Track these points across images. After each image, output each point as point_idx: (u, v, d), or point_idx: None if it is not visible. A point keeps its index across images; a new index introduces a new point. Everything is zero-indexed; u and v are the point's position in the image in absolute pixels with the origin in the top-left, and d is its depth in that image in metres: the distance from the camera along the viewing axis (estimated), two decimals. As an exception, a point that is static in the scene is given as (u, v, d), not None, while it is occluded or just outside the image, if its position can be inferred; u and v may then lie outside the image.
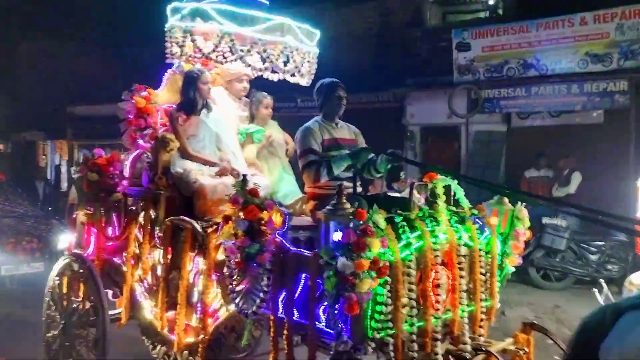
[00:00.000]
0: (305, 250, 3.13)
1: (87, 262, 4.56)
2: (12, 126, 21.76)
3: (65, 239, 6.46)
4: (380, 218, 2.75)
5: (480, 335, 3.51)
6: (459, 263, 3.33)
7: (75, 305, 4.63)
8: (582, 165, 10.06)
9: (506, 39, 10.72)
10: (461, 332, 3.37)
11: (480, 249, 3.50)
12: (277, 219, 3.22)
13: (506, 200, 3.81)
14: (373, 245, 2.65)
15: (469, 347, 3.32)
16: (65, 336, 4.64)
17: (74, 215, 5.02)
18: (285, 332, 3.13)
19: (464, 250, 3.38)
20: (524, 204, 3.83)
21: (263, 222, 3.13)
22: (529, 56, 10.56)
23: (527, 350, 3.43)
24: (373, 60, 15.50)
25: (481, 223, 3.65)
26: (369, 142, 14.17)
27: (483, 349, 3.31)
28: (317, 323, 2.98)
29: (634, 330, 2.17)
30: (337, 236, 2.71)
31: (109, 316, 4.43)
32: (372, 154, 3.90)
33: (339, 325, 2.81)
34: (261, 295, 3.21)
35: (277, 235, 3.20)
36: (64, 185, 15.61)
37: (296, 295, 3.12)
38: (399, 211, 3.06)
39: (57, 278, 4.80)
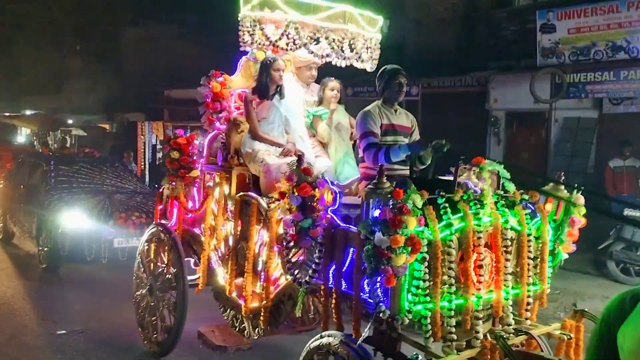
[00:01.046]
0: (353, 227, 3.37)
1: (170, 231, 5.08)
2: (116, 107, 23.55)
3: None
4: (417, 198, 2.94)
5: (526, 319, 3.60)
6: (505, 246, 3.44)
7: (160, 270, 5.17)
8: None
9: (594, 20, 10.17)
10: (505, 314, 3.48)
11: (529, 234, 3.58)
12: (328, 196, 3.48)
13: (562, 187, 3.83)
14: (409, 223, 2.85)
15: (510, 329, 3.43)
16: (151, 297, 5.21)
17: (161, 189, 5.56)
18: (334, 301, 3.41)
19: (510, 234, 3.47)
20: (579, 192, 3.83)
21: (315, 199, 3.41)
22: (619, 38, 9.96)
23: (572, 336, 3.48)
24: (456, 43, 15.21)
25: (533, 208, 3.72)
26: (452, 126, 14.19)
27: (524, 330, 3.40)
28: (361, 294, 3.23)
29: None
30: (376, 213, 2.94)
31: (188, 281, 4.92)
32: (427, 150, 3.96)
33: (378, 296, 3.04)
34: (313, 266, 3.50)
35: (328, 212, 3.47)
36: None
37: (344, 267, 3.39)
38: (442, 192, 3.21)
39: (146, 244, 5.38)
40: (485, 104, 14.45)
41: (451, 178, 3.97)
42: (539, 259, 3.68)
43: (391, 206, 2.86)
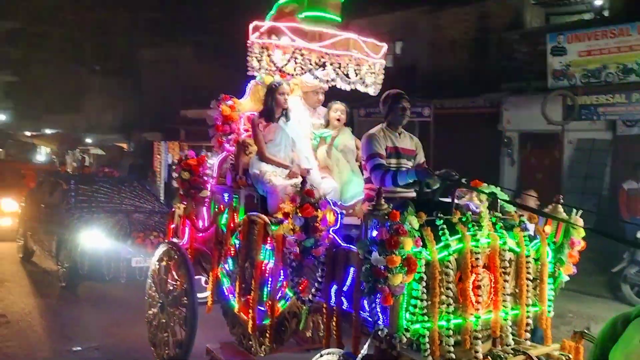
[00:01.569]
0: (354, 247, 3.47)
1: (181, 249, 5.23)
2: (134, 126, 24.04)
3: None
4: (413, 219, 3.05)
5: (526, 339, 3.66)
6: (504, 267, 3.52)
7: (171, 287, 5.31)
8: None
9: (604, 43, 10.27)
10: (504, 334, 3.55)
11: (527, 256, 3.65)
12: (330, 217, 3.60)
13: (560, 209, 3.90)
14: (405, 244, 2.95)
15: (509, 349, 3.50)
16: (163, 313, 5.34)
17: (173, 209, 5.72)
18: (334, 319, 3.51)
19: (509, 256, 3.55)
20: (579, 213, 3.90)
21: (318, 219, 3.53)
22: (630, 61, 10.04)
23: (570, 357, 3.53)
24: (468, 64, 15.36)
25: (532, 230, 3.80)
26: (464, 147, 14.24)
27: (522, 351, 3.46)
28: (361, 312, 3.33)
29: (630, 334, 2.31)
30: (374, 233, 3.05)
31: (199, 299, 5.04)
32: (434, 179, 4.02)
33: (377, 314, 3.14)
34: (316, 285, 3.61)
35: (330, 232, 3.59)
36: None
37: (345, 286, 3.49)
38: (440, 214, 3.31)
39: (157, 263, 5.53)
40: (498, 125, 14.52)
41: (456, 201, 4.08)
42: (538, 280, 3.75)
43: (388, 227, 2.97)
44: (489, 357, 3.36)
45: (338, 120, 4.94)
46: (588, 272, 9.38)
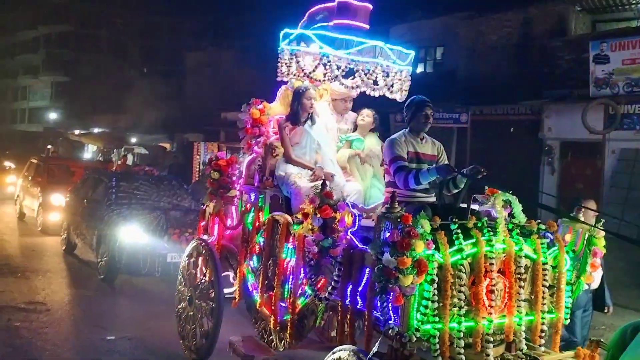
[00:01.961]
0: (370, 248, 3.56)
1: (209, 245, 5.43)
2: (177, 127, 24.70)
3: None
4: (425, 222, 3.12)
5: (540, 345, 3.68)
6: (519, 273, 3.55)
7: (199, 282, 5.51)
8: None
9: (649, 51, 10.00)
10: (518, 339, 3.57)
11: (544, 263, 3.67)
12: (348, 218, 3.71)
13: (582, 217, 3.90)
14: (417, 246, 3.03)
15: (521, 354, 3.52)
16: (191, 307, 5.55)
17: (204, 207, 5.94)
18: (348, 317, 3.62)
19: (525, 262, 3.58)
20: (602, 221, 3.89)
21: (336, 220, 3.64)
22: (675, 69, 9.76)
23: (584, 364, 3.52)
24: (510, 71, 15.18)
25: (551, 238, 3.81)
26: (504, 154, 14.16)
27: (533, 356, 3.48)
28: (374, 311, 3.43)
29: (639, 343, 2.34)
30: (386, 235, 3.15)
31: (226, 294, 5.23)
32: (455, 173, 4.11)
33: (388, 313, 3.23)
34: (332, 283, 3.72)
35: (348, 233, 3.70)
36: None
37: (360, 286, 3.59)
38: (455, 219, 3.37)
39: (187, 258, 5.75)
40: (538, 133, 14.29)
41: (476, 207, 4.13)
42: (555, 288, 3.76)
43: (400, 229, 3.06)
44: (501, 361, 3.39)
45: (362, 121, 5.06)
46: (625, 284, 9.16)
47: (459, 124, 14.64)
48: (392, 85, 4.99)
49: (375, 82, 4.89)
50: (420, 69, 18.41)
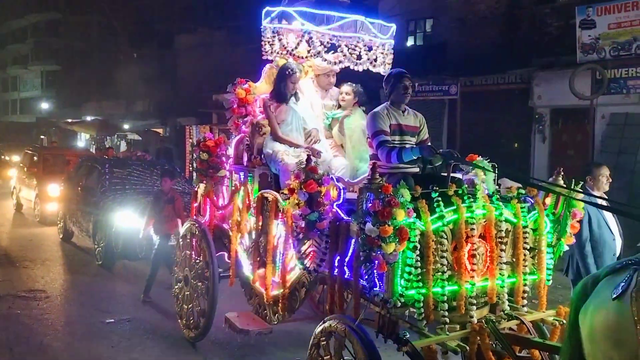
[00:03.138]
0: (355, 220, 3.65)
1: (202, 226, 5.52)
2: (170, 112, 24.62)
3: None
4: (405, 192, 3.21)
5: (523, 306, 3.80)
6: (500, 237, 3.65)
7: (194, 262, 5.62)
8: None
9: (635, 14, 9.97)
10: (501, 301, 3.69)
11: (525, 226, 3.77)
12: (333, 192, 3.79)
13: (560, 182, 3.99)
14: (398, 215, 3.13)
15: (504, 314, 3.64)
16: (187, 287, 5.67)
17: (196, 188, 6.02)
18: (337, 287, 3.73)
19: (505, 226, 3.68)
20: (580, 184, 3.98)
21: (321, 194, 3.73)
22: (661, 32, 9.76)
23: (564, 322, 3.64)
24: (499, 40, 15.12)
25: (532, 202, 3.91)
26: (495, 124, 14.12)
27: (515, 316, 3.61)
28: (360, 280, 3.53)
29: (604, 292, 2.45)
30: (368, 205, 3.23)
31: (222, 274, 5.34)
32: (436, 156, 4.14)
33: (374, 281, 3.34)
34: (320, 256, 3.83)
35: (333, 206, 3.79)
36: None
37: (347, 257, 3.69)
38: (435, 187, 3.47)
39: (181, 239, 5.85)
40: (529, 101, 14.30)
41: (459, 175, 4.22)
42: (537, 250, 3.87)
43: (381, 199, 3.15)
44: (483, 321, 3.51)
45: (343, 100, 5.11)
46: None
47: (449, 96, 14.66)
48: (375, 59, 5.04)
49: (359, 57, 4.94)
50: (410, 41, 18.33)
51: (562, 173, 3.99)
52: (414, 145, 4.32)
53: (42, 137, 25.93)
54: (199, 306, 5.47)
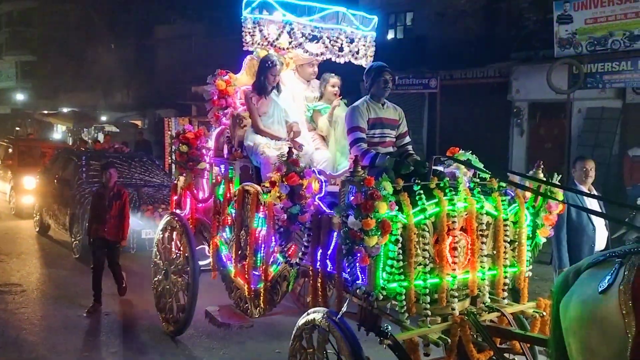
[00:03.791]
0: (337, 213, 3.64)
1: (182, 219, 5.46)
2: (148, 104, 24.32)
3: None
4: (387, 185, 3.21)
5: (503, 298, 3.83)
6: (481, 230, 3.67)
7: (174, 256, 5.56)
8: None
9: (610, 10, 10.12)
10: (482, 293, 3.72)
11: (505, 219, 3.79)
12: (315, 185, 3.77)
13: (540, 175, 4.02)
14: (380, 208, 3.12)
15: (484, 306, 3.67)
16: (167, 280, 5.61)
17: (175, 181, 5.94)
18: (320, 280, 3.72)
19: (486, 219, 3.70)
20: (559, 177, 4.02)
21: (303, 187, 3.71)
22: (636, 27, 9.89)
23: (544, 314, 3.69)
24: (479, 34, 15.23)
25: (512, 195, 3.93)
26: (473, 117, 14.28)
27: (496, 308, 3.64)
28: (343, 273, 3.53)
29: (584, 284, 2.47)
30: (351, 198, 3.22)
31: (203, 267, 5.29)
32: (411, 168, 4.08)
33: (356, 274, 3.33)
34: (302, 249, 3.81)
35: (315, 199, 3.77)
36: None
37: (329, 250, 3.68)
38: (418, 180, 3.47)
39: (161, 232, 5.78)
40: (507, 95, 14.45)
41: (440, 168, 4.23)
42: (517, 243, 3.90)
43: (363, 192, 3.14)
44: (464, 314, 3.54)
45: (335, 94, 5.08)
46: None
47: (429, 90, 14.73)
48: (357, 52, 5.01)
49: (341, 49, 4.91)
50: (390, 35, 18.35)
51: (542, 166, 4.02)
52: (390, 153, 4.25)
53: (17, 128, 25.38)
54: (178, 301, 5.42)
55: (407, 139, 4.52)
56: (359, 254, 3.23)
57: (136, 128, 22.89)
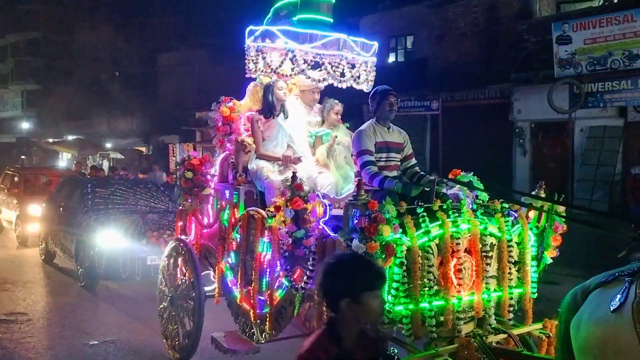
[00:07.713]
0: (341, 236, 3.66)
1: (187, 245, 5.48)
2: (152, 130, 24.53)
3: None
4: (391, 208, 3.23)
5: (509, 319, 3.82)
6: (485, 252, 3.68)
7: (179, 282, 5.57)
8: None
9: (609, 30, 10.25)
10: (487, 315, 3.71)
11: (509, 240, 3.81)
12: (319, 209, 3.80)
13: (542, 195, 4.04)
14: (384, 231, 3.15)
15: (491, 328, 3.66)
16: (172, 307, 5.61)
17: (180, 207, 5.98)
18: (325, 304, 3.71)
19: (490, 240, 3.72)
20: (561, 198, 4.04)
21: (307, 211, 3.74)
22: (635, 47, 10.00)
23: (550, 334, 3.68)
24: (479, 56, 15.40)
25: (515, 216, 3.95)
26: (476, 138, 14.39)
27: (502, 330, 3.63)
28: (348, 297, 3.52)
29: (594, 303, 2.47)
30: (355, 222, 3.25)
31: (208, 292, 5.29)
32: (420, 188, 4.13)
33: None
34: (308, 273, 3.82)
35: (320, 223, 3.80)
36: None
37: (334, 273, 3.68)
38: (421, 203, 3.49)
39: (166, 259, 5.80)
40: (509, 116, 14.54)
41: (445, 190, 4.25)
42: (521, 263, 3.90)
43: (367, 215, 3.17)
44: (470, 336, 3.53)
45: (338, 121, 5.15)
46: (600, 264, 9.37)
47: (431, 111, 14.85)
48: (358, 77, 5.09)
49: (342, 74, 4.99)
50: (391, 58, 18.56)
51: (545, 186, 4.05)
52: (399, 180, 4.30)
53: (22, 157, 25.59)
54: (184, 327, 5.41)
55: (413, 161, 4.56)
56: (364, 278, 3.23)
57: (141, 154, 23.04)
